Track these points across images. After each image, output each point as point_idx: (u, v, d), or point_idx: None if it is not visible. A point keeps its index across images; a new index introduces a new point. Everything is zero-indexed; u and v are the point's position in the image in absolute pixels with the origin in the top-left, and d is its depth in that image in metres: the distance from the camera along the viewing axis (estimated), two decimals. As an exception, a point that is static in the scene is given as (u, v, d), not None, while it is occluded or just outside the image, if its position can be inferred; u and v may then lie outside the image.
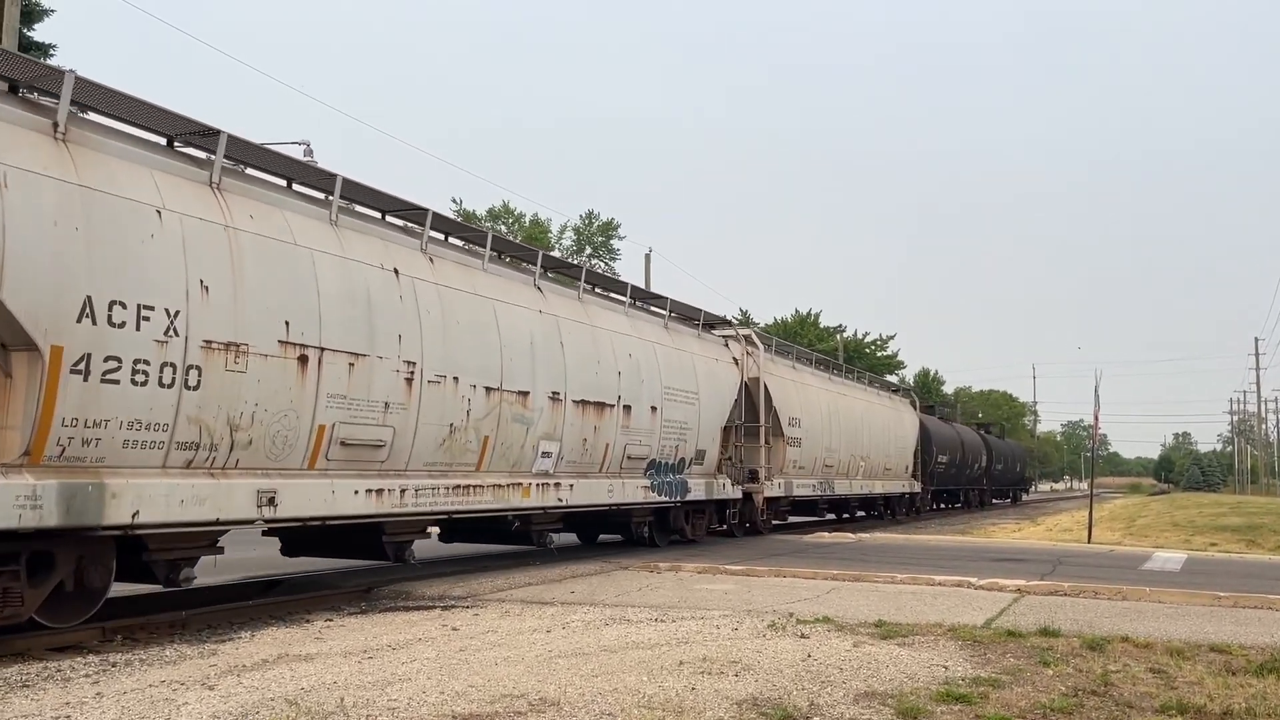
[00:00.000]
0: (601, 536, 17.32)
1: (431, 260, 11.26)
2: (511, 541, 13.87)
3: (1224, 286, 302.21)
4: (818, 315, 65.87)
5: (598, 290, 15.54)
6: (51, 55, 24.66)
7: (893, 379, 68.25)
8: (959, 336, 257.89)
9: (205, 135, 8.93)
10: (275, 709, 5.57)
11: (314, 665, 6.85)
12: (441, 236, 12.11)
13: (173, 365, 7.95)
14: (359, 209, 11.05)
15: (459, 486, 11.14)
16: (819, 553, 16.39)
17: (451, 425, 11.02)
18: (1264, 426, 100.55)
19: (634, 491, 14.87)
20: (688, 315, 18.14)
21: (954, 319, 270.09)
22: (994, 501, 50.59)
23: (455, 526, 12.98)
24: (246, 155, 9.47)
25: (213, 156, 8.87)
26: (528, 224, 51.20)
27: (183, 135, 8.96)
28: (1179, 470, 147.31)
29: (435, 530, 12.86)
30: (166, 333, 7.90)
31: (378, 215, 11.26)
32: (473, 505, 11.41)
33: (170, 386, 7.94)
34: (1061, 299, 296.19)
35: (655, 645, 7.56)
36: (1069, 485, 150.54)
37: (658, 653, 7.24)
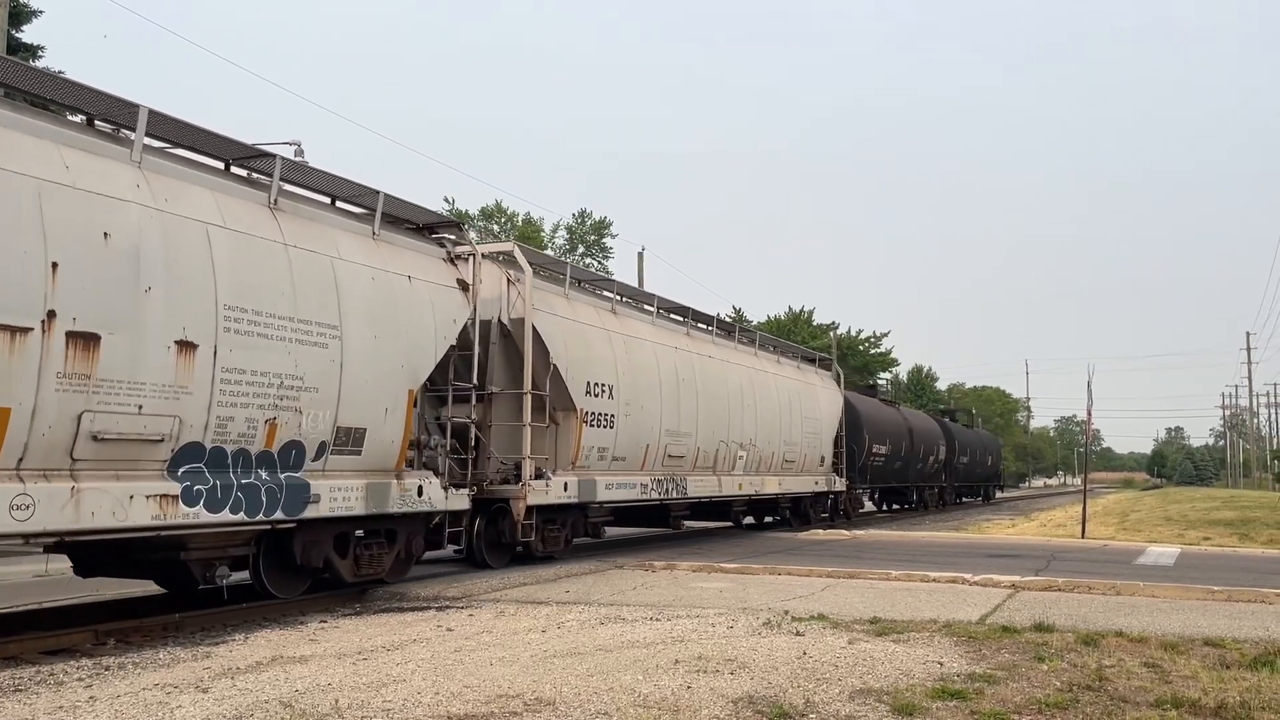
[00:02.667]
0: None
1: None
2: None
3: (1216, 282, 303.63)
4: (811, 313, 65.88)
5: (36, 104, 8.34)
6: (40, 57, 24.58)
7: (886, 376, 68.07)
8: (952, 334, 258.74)
9: None
10: (269, 711, 5.55)
11: (308, 667, 6.83)
12: None
13: None
14: None
15: None
16: (814, 550, 16.40)
17: None
18: (1256, 421, 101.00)
19: (122, 505, 7.84)
20: (348, 198, 10.87)
21: (947, 316, 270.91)
22: (962, 500, 44.70)
23: None
24: None
25: None
26: (520, 223, 51.17)
27: None
28: (1172, 465, 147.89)
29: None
30: None
31: None
32: None
33: None
34: (1054, 295, 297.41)
35: (651, 644, 7.55)
36: (1062, 481, 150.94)
37: (653, 651, 7.23)
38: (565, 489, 13.42)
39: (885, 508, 35.02)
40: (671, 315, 18.24)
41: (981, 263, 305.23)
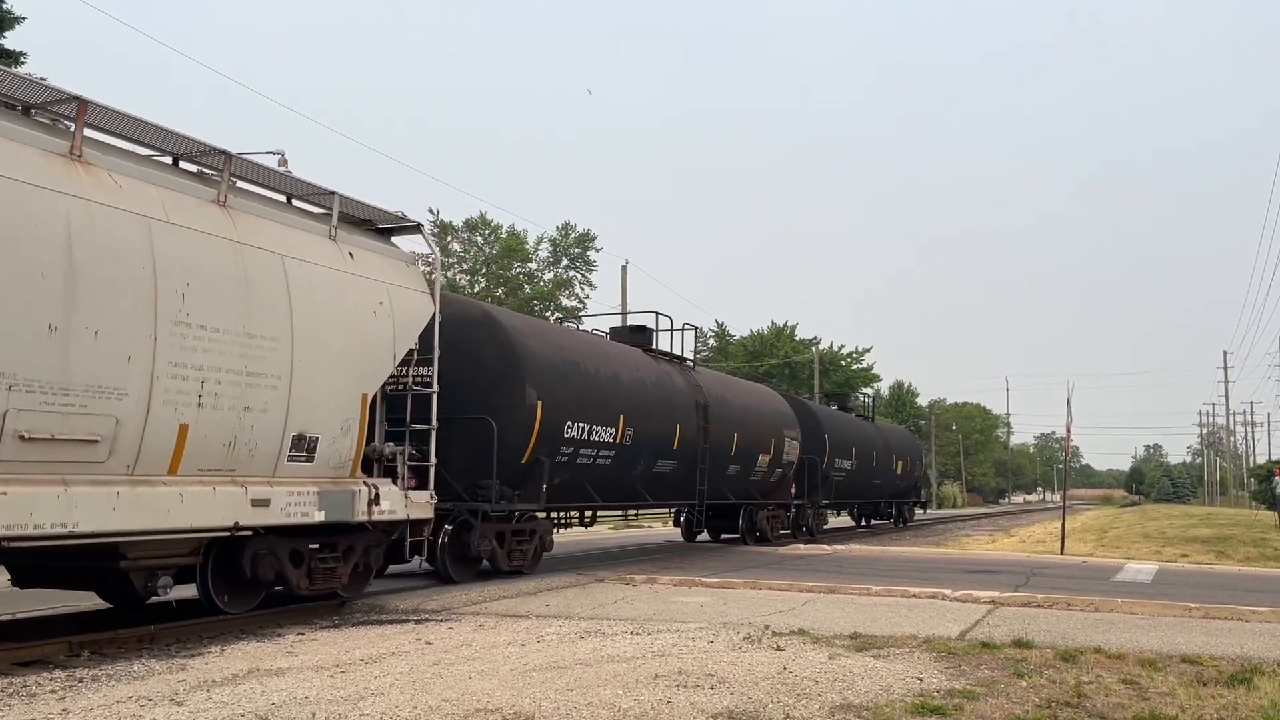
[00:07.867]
0: None
1: None
2: None
3: (1194, 302, 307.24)
4: (794, 327, 66.12)
5: None
6: (22, 63, 24.43)
7: (867, 391, 67.93)
8: (934, 350, 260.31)
9: None
10: (245, 725, 5.49)
11: (285, 680, 6.77)
12: None
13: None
14: None
15: None
16: (794, 565, 16.40)
17: None
18: (1232, 439, 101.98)
19: None
20: None
21: (929, 332, 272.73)
22: (870, 523, 32.44)
23: None
24: None
25: None
26: (504, 235, 51.15)
27: None
28: (1150, 482, 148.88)
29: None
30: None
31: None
32: None
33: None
34: (1035, 313, 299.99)
35: (631, 658, 7.53)
36: (1042, 497, 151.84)
37: (633, 666, 7.20)
38: None
39: (722, 539, 21.81)
40: None
41: (965, 279, 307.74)
